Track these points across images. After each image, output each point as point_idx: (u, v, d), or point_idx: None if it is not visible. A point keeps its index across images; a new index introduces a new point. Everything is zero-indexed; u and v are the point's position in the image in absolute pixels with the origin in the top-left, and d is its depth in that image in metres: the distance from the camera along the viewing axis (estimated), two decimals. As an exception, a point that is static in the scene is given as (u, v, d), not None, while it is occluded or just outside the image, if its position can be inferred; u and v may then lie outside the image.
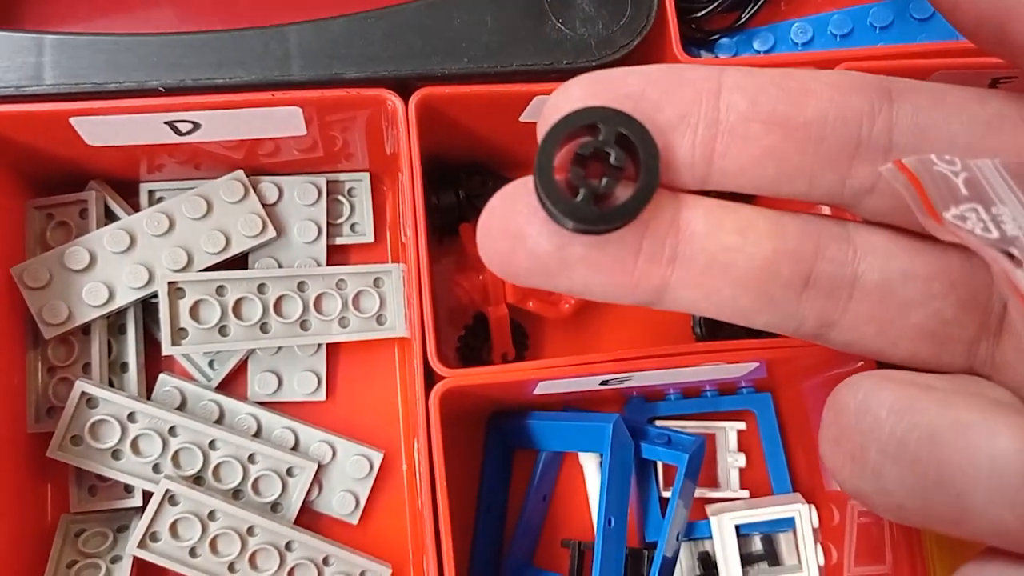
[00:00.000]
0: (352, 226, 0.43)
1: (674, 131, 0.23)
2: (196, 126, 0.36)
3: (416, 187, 0.35)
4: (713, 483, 0.43)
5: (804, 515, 0.39)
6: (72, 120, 0.35)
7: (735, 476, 0.42)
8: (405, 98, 0.36)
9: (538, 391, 0.37)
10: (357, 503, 0.40)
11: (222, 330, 0.39)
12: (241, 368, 0.41)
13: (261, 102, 0.35)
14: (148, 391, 0.40)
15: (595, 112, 0.22)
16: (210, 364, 0.41)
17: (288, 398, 0.41)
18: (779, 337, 0.39)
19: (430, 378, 0.35)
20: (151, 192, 0.41)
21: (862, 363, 0.36)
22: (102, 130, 0.36)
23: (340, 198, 0.43)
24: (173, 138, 0.37)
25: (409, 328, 0.39)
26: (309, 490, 0.40)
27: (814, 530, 0.40)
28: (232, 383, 0.41)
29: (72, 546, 0.38)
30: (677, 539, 0.39)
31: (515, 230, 0.23)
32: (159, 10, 0.40)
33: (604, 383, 0.36)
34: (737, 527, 0.39)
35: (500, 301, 0.40)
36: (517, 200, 0.23)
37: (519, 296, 0.41)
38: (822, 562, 0.40)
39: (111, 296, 0.38)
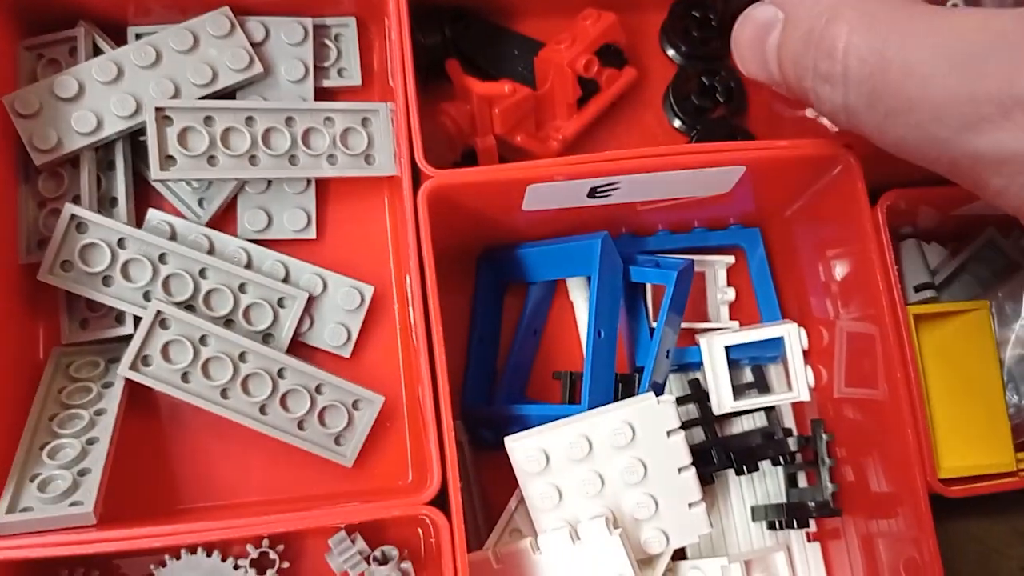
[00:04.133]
0: (339, 71, 0.43)
1: None
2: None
3: (403, 27, 0.36)
4: (703, 318, 0.43)
5: (793, 335, 0.40)
6: (58, -66, 0.35)
7: (724, 310, 0.43)
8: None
9: (527, 205, 0.37)
10: (349, 335, 0.41)
11: (211, 160, 0.39)
12: (230, 207, 0.41)
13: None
14: (138, 226, 0.40)
15: None
16: (199, 203, 0.41)
17: (278, 235, 0.41)
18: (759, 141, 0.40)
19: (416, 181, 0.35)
20: (138, 35, 0.41)
21: (843, 167, 0.37)
22: (88, -52, 0.36)
23: (327, 42, 0.43)
24: (159, -40, 0.37)
25: (397, 164, 0.39)
26: (300, 322, 0.40)
27: (803, 351, 0.40)
28: (222, 222, 0.41)
29: (63, 374, 0.38)
30: (667, 356, 0.39)
31: None
32: None
33: (593, 193, 0.37)
34: (727, 349, 0.40)
35: (487, 132, 0.41)
36: None
37: (507, 128, 0.41)
38: (812, 382, 0.40)
39: (99, 124, 0.38)
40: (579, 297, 0.42)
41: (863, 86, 0.27)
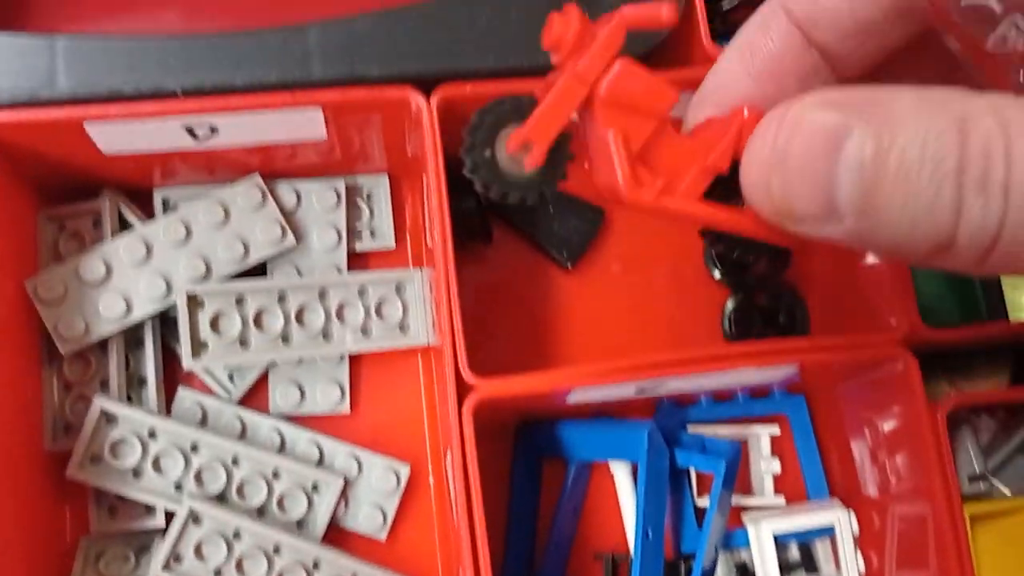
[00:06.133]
0: (372, 232, 0.42)
1: None
2: (214, 131, 0.35)
3: (441, 190, 0.34)
4: (747, 489, 0.42)
5: (844, 522, 0.38)
6: (86, 126, 0.33)
7: (769, 482, 0.41)
8: (428, 97, 0.34)
9: (571, 400, 0.36)
10: (385, 518, 0.39)
11: (243, 342, 0.38)
12: (262, 380, 0.40)
13: (281, 102, 0.34)
14: (167, 405, 0.39)
15: None
16: (230, 378, 0.39)
17: (311, 411, 0.40)
18: (812, 339, 0.38)
19: (459, 387, 0.33)
20: (165, 200, 0.40)
21: (901, 366, 0.35)
22: (117, 137, 0.34)
23: (359, 201, 0.41)
24: (190, 144, 0.35)
25: (436, 334, 0.38)
26: (335, 506, 0.38)
27: (854, 537, 0.39)
28: (253, 396, 0.40)
29: (93, 569, 0.37)
30: (715, 551, 0.38)
31: None
32: (171, 9, 0.39)
33: (641, 390, 0.35)
34: (775, 535, 0.38)
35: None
36: None
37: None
38: (863, 569, 0.39)
39: (129, 309, 0.37)
40: (620, 471, 0.41)
41: None
